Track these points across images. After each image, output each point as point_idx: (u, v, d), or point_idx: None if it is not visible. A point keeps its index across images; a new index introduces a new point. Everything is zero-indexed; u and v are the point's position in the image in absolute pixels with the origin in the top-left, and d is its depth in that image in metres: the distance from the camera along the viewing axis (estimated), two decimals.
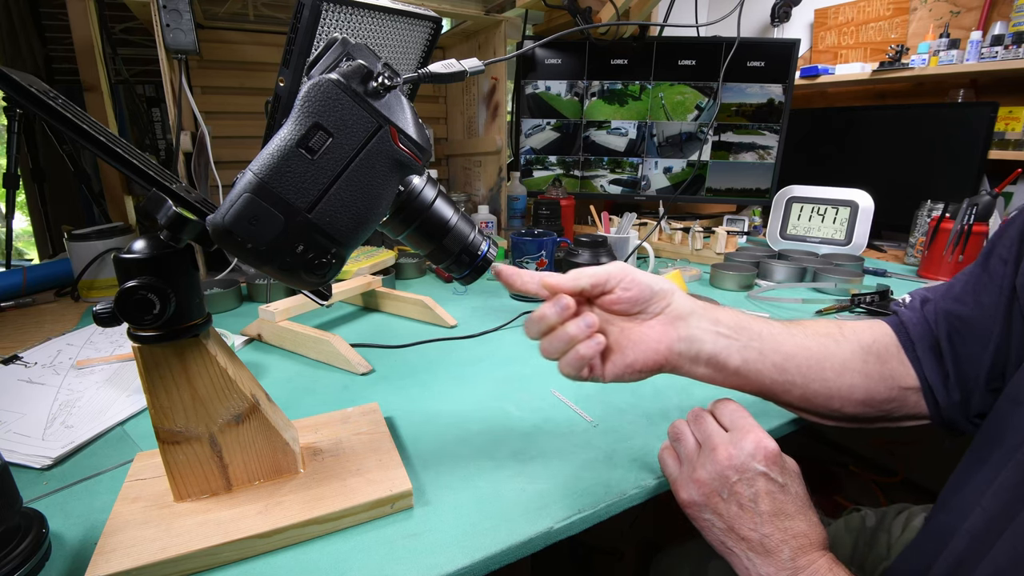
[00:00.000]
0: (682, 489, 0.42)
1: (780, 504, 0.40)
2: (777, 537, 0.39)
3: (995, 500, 0.39)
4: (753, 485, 0.40)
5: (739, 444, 0.41)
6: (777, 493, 0.40)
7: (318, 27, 0.79)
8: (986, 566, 0.37)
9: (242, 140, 1.23)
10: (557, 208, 1.25)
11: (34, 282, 0.99)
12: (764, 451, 0.41)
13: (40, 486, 0.45)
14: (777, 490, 0.40)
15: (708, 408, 0.45)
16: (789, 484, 0.41)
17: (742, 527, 0.39)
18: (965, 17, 1.76)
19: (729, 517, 0.40)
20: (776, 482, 0.41)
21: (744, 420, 0.43)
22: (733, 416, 0.44)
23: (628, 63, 1.40)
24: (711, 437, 0.42)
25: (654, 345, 0.44)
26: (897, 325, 0.52)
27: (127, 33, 1.95)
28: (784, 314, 0.88)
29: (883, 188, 1.29)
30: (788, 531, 0.39)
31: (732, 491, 0.40)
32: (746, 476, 0.40)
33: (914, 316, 0.51)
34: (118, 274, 0.34)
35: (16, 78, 0.31)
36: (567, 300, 0.42)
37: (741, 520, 0.39)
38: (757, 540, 0.39)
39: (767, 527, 0.39)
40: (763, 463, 0.41)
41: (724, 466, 0.40)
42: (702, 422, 0.44)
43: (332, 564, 0.37)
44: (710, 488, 0.40)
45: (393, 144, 0.36)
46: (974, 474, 0.43)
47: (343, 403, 0.59)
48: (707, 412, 0.45)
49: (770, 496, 0.40)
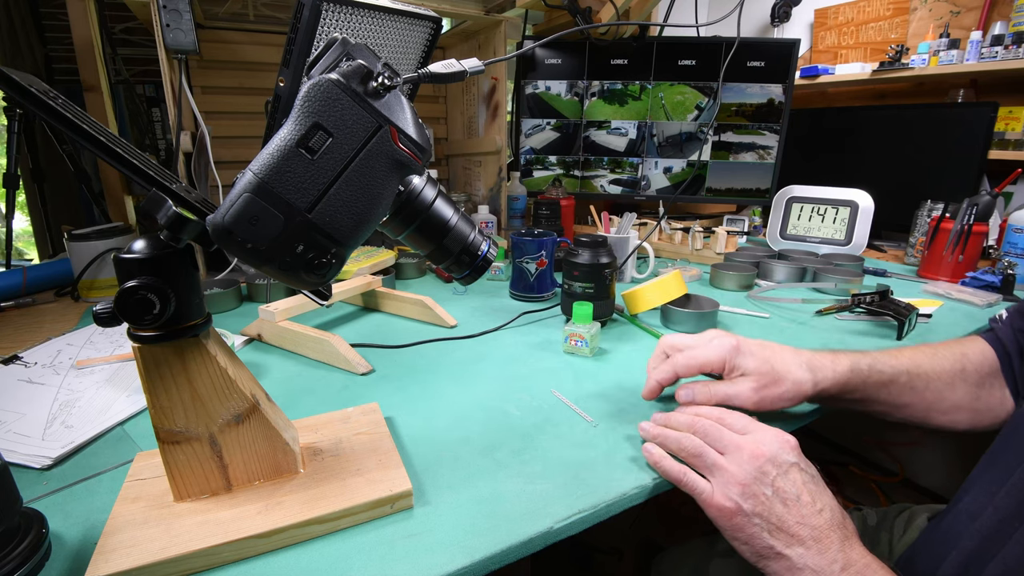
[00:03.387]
0: (721, 497, 0.40)
1: (816, 494, 0.40)
2: (824, 528, 0.38)
3: (1008, 500, 0.39)
4: (791, 477, 0.40)
5: (763, 441, 0.41)
6: (810, 483, 0.40)
7: (318, 27, 0.79)
8: (995, 566, 0.37)
9: (242, 140, 1.23)
10: (557, 208, 1.25)
11: (34, 282, 0.99)
12: (789, 443, 0.42)
13: (40, 486, 0.45)
14: (810, 480, 0.41)
15: (713, 417, 0.46)
16: (815, 475, 0.41)
17: (791, 524, 0.38)
18: (965, 17, 1.76)
19: (778, 516, 0.39)
20: (807, 472, 0.41)
21: (754, 423, 0.44)
22: (742, 421, 0.44)
23: (628, 63, 1.40)
24: (733, 441, 0.42)
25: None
26: (994, 340, 0.55)
27: (127, 33, 1.95)
28: (784, 314, 0.88)
29: (883, 188, 1.29)
30: (833, 521, 0.39)
31: (775, 487, 0.39)
32: (782, 470, 0.40)
33: (1008, 330, 0.55)
34: (118, 274, 0.34)
35: (16, 78, 0.31)
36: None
37: (789, 516, 0.38)
38: (808, 535, 0.38)
39: (814, 519, 0.38)
40: (793, 454, 0.41)
41: (761, 461, 0.40)
42: (714, 432, 0.44)
43: (332, 564, 0.37)
44: (752, 489, 0.39)
45: (393, 144, 0.36)
46: (987, 473, 0.43)
47: (343, 403, 0.59)
48: (712, 422, 0.45)
49: (807, 488, 0.40)
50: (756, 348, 0.49)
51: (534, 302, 0.95)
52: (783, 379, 0.47)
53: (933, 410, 0.53)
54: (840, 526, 0.39)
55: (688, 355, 0.51)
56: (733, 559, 0.61)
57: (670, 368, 0.51)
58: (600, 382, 0.64)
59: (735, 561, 0.61)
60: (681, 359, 0.51)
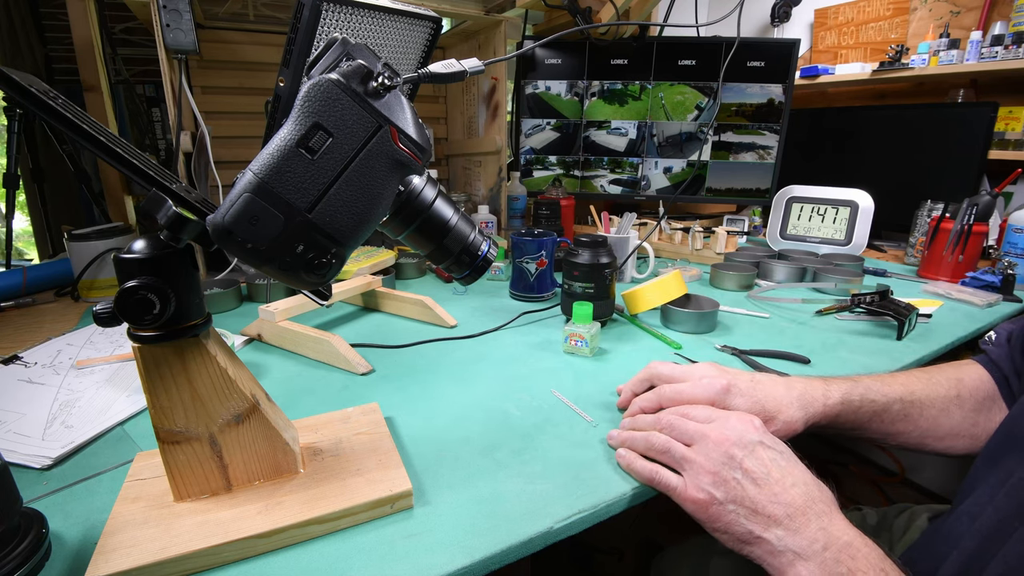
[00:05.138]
0: (694, 489, 0.41)
1: (785, 470, 0.40)
2: (799, 503, 0.38)
3: (1008, 500, 0.39)
4: (757, 455, 0.40)
5: (727, 426, 0.42)
6: (779, 459, 0.40)
7: (318, 27, 0.79)
8: (996, 565, 0.37)
9: (242, 140, 1.23)
10: (557, 208, 1.25)
11: (34, 282, 0.99)
12: (751, 422, 0.42)
13: (40, 486, 0.45)
14: (779, 456, 0.41)
15: (678, 412, 0.46)
16: (783, 450, 0.41)
17: (765, 505, 0.38)
18: (965, 17, 1.76)
19: (751, 499, 0.39)
20: (775, 449, 0.41)
21: (717, 411, 0.45)
22: (706, 412, 0.45)
23: (628, 63, 1.40)
24: (698, 430, 0.43)
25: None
26: (988, 363, 0.55)
27: (127, 33, 1.95)
28: (784, 314, 0.88)
29: (883, 188, 1.29)
30: (808, 495, 0.38)
31: (743, 469, 0.39)
32: (748, 450, 0.40)
33: (1002, 352, 0.55)
34: (118, 274, 0.34)
35: (16, 78, 0.31)
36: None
37: (761, 496, 0.38)
38: (783, 514, 0.38)
39: (786, 495, 0.38)
40: (756, 433, 0.41)
41: (727, 446, 0.40)
42: (680, 425, 0.44)
43: (332, 564, 0.37)
44: (721, 475, 0.40)
45: (393, 144, 0.36)
46: (987, 475, 0.43)
47: (343, 403, 0.59)
48: (677, 416, 0.45)
49: (775, 464, 0.40)
50: (747, 387, 0.48)
51: (534, 302, 0.95)
52: (774, 419, 0.47)
53: (928, 437, 0.53)
54: (817, 499, 0.38)
55: (675, 390, 0.50)
56: (732, 557, 0.61)
57: (656, 399, 0.51)
58: (600, 382, 0.64)
59: (734, 560, 0.61)
60: (668, 392, 0.50)
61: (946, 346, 0.77)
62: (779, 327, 0.83)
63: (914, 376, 0.55)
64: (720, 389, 0.48)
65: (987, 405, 0.54)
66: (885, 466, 1.51)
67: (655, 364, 0.54)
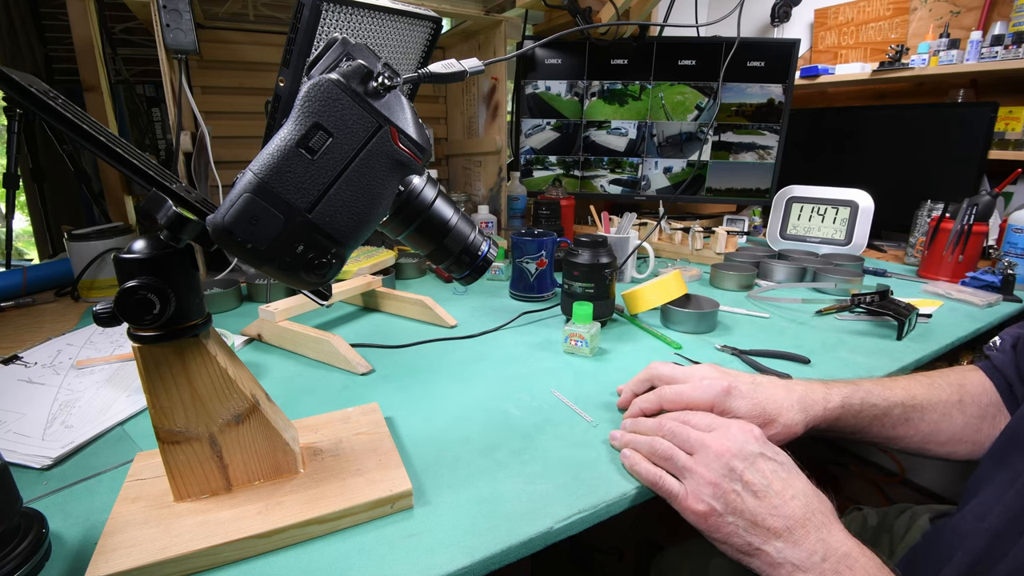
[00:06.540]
0: (694, 500, 0.41)
1: (786, 482, 0.40)
2: (799, 516, 0.38)
3: (1018, 498, 0.39)
4: (758, 468, 0.40)
5: (728, 436, 0.42)
6: (779, 471, 0.40)
7: (318, 27, 0.79)
8: (1007, 564, 0.37)
9: (242, 140, 1.23)
10: (557, 208, 1.25)
11: (34, 282, 0.99)
12: (752, 433, 0.42)
13: (40, 486, 0.45)
14: (779, 468, 0.41)
15: (679, 419, 0.46)
16: (784, 461, 0.41)
17: (765, 517, 0.38)
18: (965, 17, 1.76)
19: (751, 511, 0.39)
20: (775, 460, 0.41)
21: (717, 419, 0.44)
22: (707, 419, 0.45)
23: (628, 63, 1.40)
24: (699, 439, 0.42)
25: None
26: (991, 370, 0.54)
27: (127, 33, 1.95)
28: (784, 314, 0.88)
29: (883, 188, 1.29)
30: (808, 507, 0.38)
31: (744, 481, 0.39)
32: (749, 462, 0.40)
33: (1006, 358, 0.54)
34: (118, 274, 0.34)
35: (16, 78, 0.31)
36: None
37: (761, 509, 0.38)
38: (783, 526, 0.38)
39: (786, 507, 0.38)
40: (757, 444, 0.41)
41: (728, 457, 0.40)
42: (682, 433, 0.44)
43: (332, 564, 0.37)
44: (722, 487, 0.40)
45: (393, 144, 0.36)
46: (993, 475, 0.43)
47: (343, 403, 0.59)
48: (679, 423, 0.45)
49: (776, 476, 0.40)
50: (748, 390, 0.48)
51: (534, 302, 0.95)
52: (774, 422, 0.47)
53: (930, 441, 0.53)
54: (816, 511, 0.39)
55: (676, 392, 0.50)
56: (732, 559, 0.61)
57: (656, 400, 0.51)
58: (600, 382, 0.64)
59: (734, 560, 0.61)
60: (669, 394, 0.50)
61: (946, 346, 0.77)
62: (779, 327, 0.83)
63: (916, 380, 0.54)
64: (720, 391, 0.47)
65: (990, 411, 0.53)
66: (885, 466, 1.51)
67: (656, 365, 0.54)
